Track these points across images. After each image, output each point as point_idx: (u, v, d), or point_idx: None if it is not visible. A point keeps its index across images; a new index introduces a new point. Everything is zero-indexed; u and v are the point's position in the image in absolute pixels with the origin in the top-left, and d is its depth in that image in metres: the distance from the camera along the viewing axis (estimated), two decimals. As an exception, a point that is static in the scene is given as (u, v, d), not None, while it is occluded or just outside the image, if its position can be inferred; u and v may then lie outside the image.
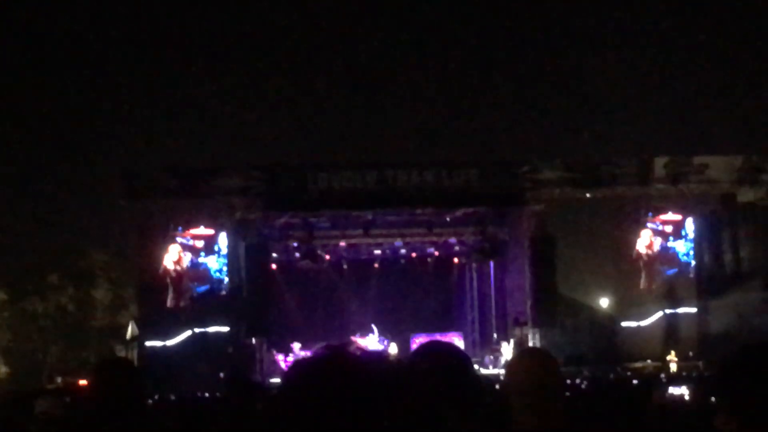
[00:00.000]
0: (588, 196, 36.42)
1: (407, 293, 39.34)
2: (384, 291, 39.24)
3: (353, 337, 37.91)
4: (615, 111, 62.51)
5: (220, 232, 34.67)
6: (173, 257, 34.31)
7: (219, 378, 27.87)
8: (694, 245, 36.57)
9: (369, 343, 37.70)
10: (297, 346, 34.94)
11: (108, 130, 61.86)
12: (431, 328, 37.16)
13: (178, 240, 34.47)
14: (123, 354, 34.17)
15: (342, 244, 37.80)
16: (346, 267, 39.53)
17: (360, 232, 36.19)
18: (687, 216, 36.70)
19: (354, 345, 36.91)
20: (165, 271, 34.20)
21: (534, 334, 34.53)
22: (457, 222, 36.28)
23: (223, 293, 34.65)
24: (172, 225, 34.51)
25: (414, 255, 39.43)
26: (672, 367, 32.05)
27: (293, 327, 37.71)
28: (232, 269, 34.46)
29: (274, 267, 37.59)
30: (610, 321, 38.10)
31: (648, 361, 33.93)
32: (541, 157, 36.61)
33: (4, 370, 48.38)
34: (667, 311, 36.27)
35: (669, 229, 36.69)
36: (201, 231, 34.78)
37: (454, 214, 35.47)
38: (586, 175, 35.52)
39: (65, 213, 52.49)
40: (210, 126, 68.25)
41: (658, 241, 36.60)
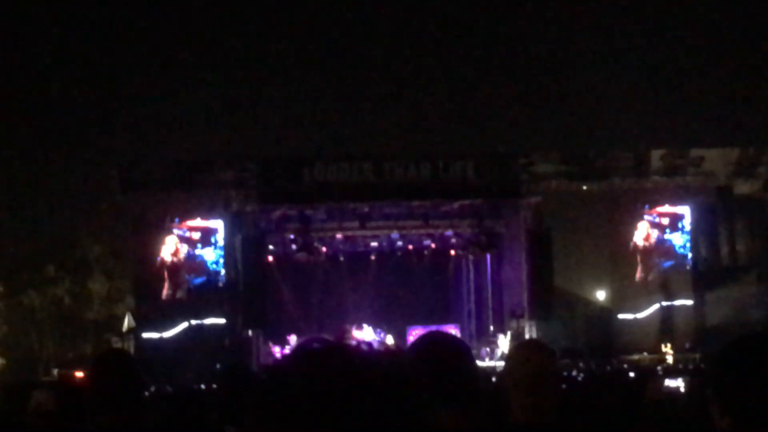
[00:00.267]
0: (584, 188, 36.45)
1: (404, 285, 39.34)
2: (380, 283, 39.24)
3: (350, 328, 37.96)
4: (611, 103, 62.42)
5: (216, 224, 34.67)
6: (170, 249, 34.32)
7: (215, 370, 27.88)
8: (690, 238, 36.60)
9: (365, 335, 37.73)
10: (293, 338, 34.95)
11: (104, 122, 61.84)
12: (428, 320, 37.14)
13: (174, 232, 34.47)
14: (119, 346, 34.18)
15: (338, 236, 37.78)
16: (342, 259, 39.53)
17: (356, 224, 36.15)
18: (683, 208, 36.73)
19: (349, 333, 36.97)
20: (162, 263, 34.21)
21: (530, 326, 34.56)
22: (454, 214, 36.26)
23: (220, 285, 34.67)
24: (168, 217, 34.51)
25: (410, 247, 39.41)
26: (668, 360, 32.09)
27: (290, 319, 37.73)
28: (228, 261, 34.47)
29: (270, 259, 37.58)
30: (606, 313, 38.14)
31: (644, 354, 33.97)
32: (538, 150, 36.67)
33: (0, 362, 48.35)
34: (664, 304, 36.29)
35: (665, 222, 36.72)
36: (197, 223, 34.78)
37: (450, 206, 35.46)
38: (582, 168, 35.55)
39: (61, 205, 52.40)
40: (206, 118, 68.07)
41: (654, 234, 36.63)
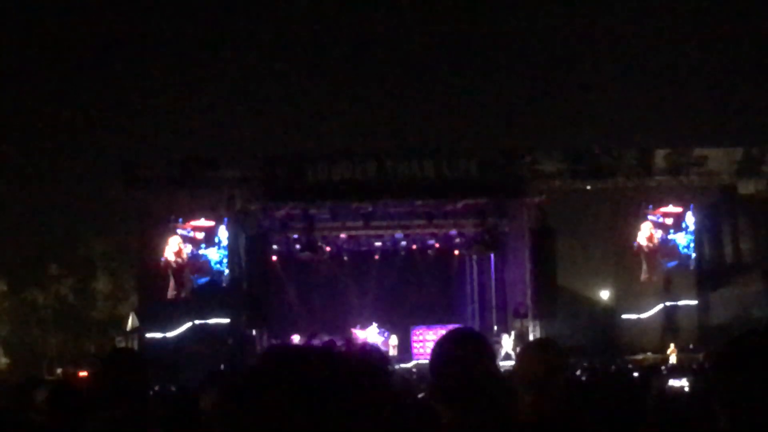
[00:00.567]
0: (588, 187, 36.42)
1: (407, 285, 39.37)
2: (384, 283, 39.27)
3: (353, 329, 37.95)
4: (615, 103, 62.47)
5: (220, 223, 34.69)
6: (174, 249, 34.35)
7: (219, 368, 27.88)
8: (694, 237, 36.56)
9: (369, 335, 37.73)
10: (296, 338, 34.96)
11: (108, 120, 61.86)
12: (431, 319, 37.17)
13: (178, 232, 34.50)
14: (123, 345, 34.19)
15: (342, 235, 37.79)
16: (346, 258, 39.56)
17: (360, 223, 36.15)
18: (687, 208, 36.70)
19: (352, 335, 36.96)
20: (166, 263, 34.24)
21: (534, 326, 34.55)
22: (458, 213, 36.23)
23: (224, 285, 34.68)
24: (172, 216, 34.53)
25: (414, 247, 39.43)
26: (672, 359, 32.04)
27: (293, 318, 37.77)
28: (232, 261, 34.49)
29: (274, 258, 37.61)
30: (610, 313, 38.08)
31: (648, 354, 33.91)
32: (542, 149, 36.62)
33: (3, 361, 48.39)
34: (668, 303, 36.27)
35: (669, 222, 36.69)
36: (201, 223, 34.80)
37: (454, 205, 35.43)
38: (586, 167, 35.53)
39: (65, 203, 52.42)
40: (210, 116, 68.19)
41: (658, 234, 36.60)
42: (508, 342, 34.71)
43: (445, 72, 73.56)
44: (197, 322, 33.46)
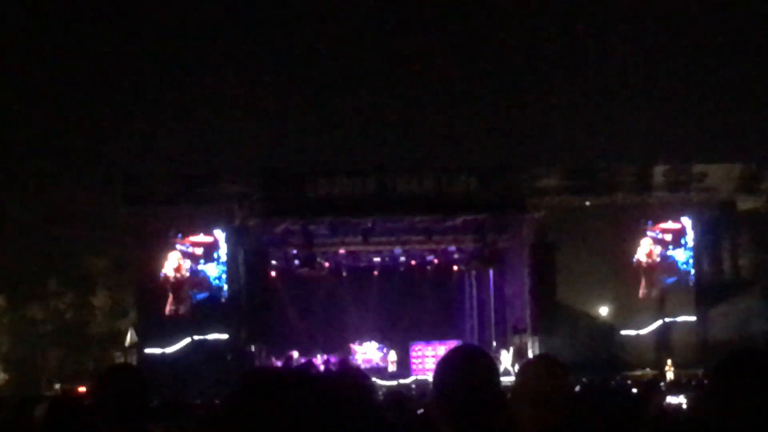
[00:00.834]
0: (587, 203, 36.46)
1: (406, 301, 39.36)
2: (383, 298, 39.27)
3: (352, 345, 37.95)
4: (615, 119, 62.43)
5: (219, 239, 34.68)
6: (173, 264, 34.33)
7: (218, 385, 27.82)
8: (693, 254, 36.57)
9: (368, 351, 37.73)
10: (295, 354, 34.92)
11: (108, 135, 61.85)
12: (430, 335, 37.19)
13: (177, 247, 34.48)
14: (122, 361, 34.13)
15: (341, 251, 37.80)
16: (345, 274, 39.56)
17: (359, 239, 36.15)
18: (686, 224, 36.70)
19: (351, 351, 36.91)
20: (165, 279, 34.21)
21: (533, 341, 34.53)
22: (457, 229, 36.24)
23: (223, 300, 34.64)
24: (172, 232, 34.51)
25: (413, 262, 39.44)
26: (669, 376, 31.99)
27: (292, 334, 37.74)
28: (231, 276, 34.46)
29: (273, 274, 37.61)
30: (609, 329, 38.03)
31: (647, 370, 33.88)
32: (541, 165, 36.64)
33: (2, 376, 48.28)
34: (666, 320, 36.25)
35: (668, 238, 36.69)
36: (200, 238, 34.79)
37: (453, 221, 35.45)
38: (585, 183, 35.58)
39: (65, 219, 52.37)
40: (209, 132, 68.16)
41: (657, 250, 36.59)
42: (506, 358, 34.70)
43: (445, 88, 73.64)
44: (196, 337, 33.42)
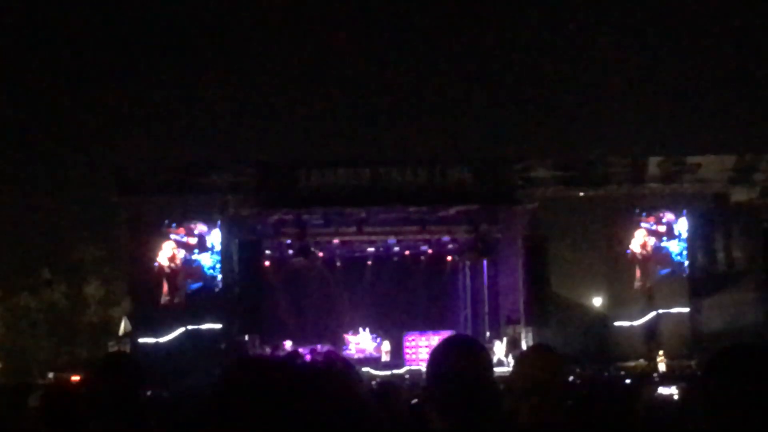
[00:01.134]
0: (581, 194, 36.49)
1: (400, 291, 39.38)
2: (377, 288, 39.28)
3: (345, 335, 37.96)
4: (608, 110, 62.49)
5: (213, 229, 34.65)
6: (167, 254, 34.30)
7: (212, 375, 27.80)
8: (687, 245, 36.60)
9: (361, 340, 37.76)
10: (289, 344, 34.95)
11: (101, 126, 61.77)
12: (424, 325, 37.22)
13: (171, 237, 34.45)
14: (116, 350, 34.08)
15: (335, 241, 37.79)
16: (339, 264, 39.56)
17: (353, 229, 36.17)
18: (680, 215, 36.73)
19: (345, 341, 36.92)
20: (159, 268, 34.18)
21: (526, 332, 34.58)
22: (450, 220, 36.26)
23: (217, 290, 34.62)
24: (165, 221, 34.49)
25: (407, 253, 39.46)
26: (661, 367, 32.05)
27: (286, 324, 37.75)
28: (225, 266, 34.45)
29: (267, 264, 37.59)
30: (602, 320, 38.07)
31: (640, 361, 33.94)
32: (535, 156, 36.66)
33: (-5, 365, 48.23)
34: (660, 311, 36.28)
35: (662, 229, 36.72)
36: (194, 228, 34.76)
37: (447, 212, 35.47)
38: (579, 174, 35.59)
39: (58, 208, 52.33)
40: (203, 122, 68.16)
41: (651, 241, 36.63)
42: (500, 348, 34.75)
43: (438, 80, 73.59)
44: (190, 327, 33.39)
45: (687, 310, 35.95)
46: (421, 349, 35.39)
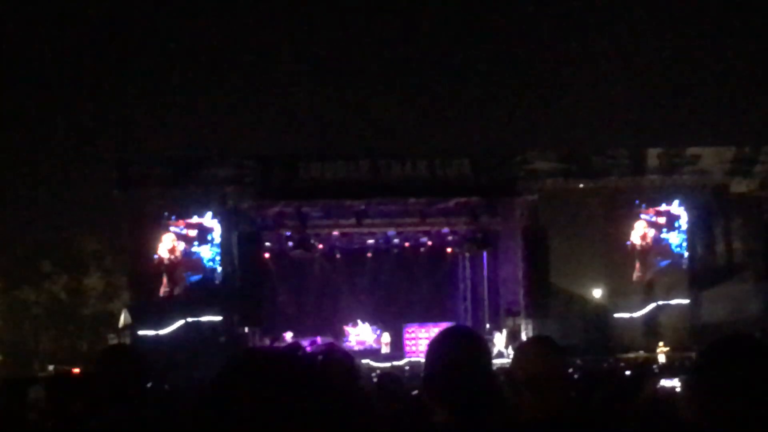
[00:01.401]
0: (581, 186, 36.49)
1: (400, 282, 39.38)
2: (377, 280, 39.29)
3: (345, 327, 37.98)
4: (608, 102, 62.50)
5: (213, 221, 34.66)
6: (167, 246, 34.34)
7: (212, 367, 27.80)
8: (687, 236, 36.62)
9: (361, 332, 37.78)
10: (289, 335, 34.94)
11: (101, 119, 61.80)
12: (424, 317, 37.20)
13: (171, 229, 34.48)
14: (116, 342, 34.10)
15: (335, 233, 37.78)
16: (338, 256, 39.56)
17: (353, 221, 36.14)
18: (680, 207, 36.74)
19: (344, 333, 36.93)
20: (159, 261, 34.22)
21: (526, 324, 34.59)
22: (450, 212, 36.25)
23: (216, 282, 34.64)
24: (165, 214, 34.51)
25: (407, 244, 39.46)
26: (661, 358, 32.07)
27: (286, 316, 37.75)
28: (224, 258, 34.47)
29: (266, 256, 37.58)
30: (602, 312, 38.09)
31: (640, 352, 33.96)
32: (535, 148, 36.65)
33: (-4, 358, 48.27)
34: (660, 302, 36.31)
35: (662, 221, 36.76)
36: (194, 220, 34.78)
37: (446, 204, 35.47)
38: (578, 166, 35.59)
39: (57, 201, 52.35)
40: (203, 115, 68.17)
41: (651, 233, 36.67)
42: (500, 340, 34.77)
43: (438, 72, 73.58)
44: (190, 319, 33.41)
45: (687, 301, 35.99)
46: (421, 341, 35.38)
